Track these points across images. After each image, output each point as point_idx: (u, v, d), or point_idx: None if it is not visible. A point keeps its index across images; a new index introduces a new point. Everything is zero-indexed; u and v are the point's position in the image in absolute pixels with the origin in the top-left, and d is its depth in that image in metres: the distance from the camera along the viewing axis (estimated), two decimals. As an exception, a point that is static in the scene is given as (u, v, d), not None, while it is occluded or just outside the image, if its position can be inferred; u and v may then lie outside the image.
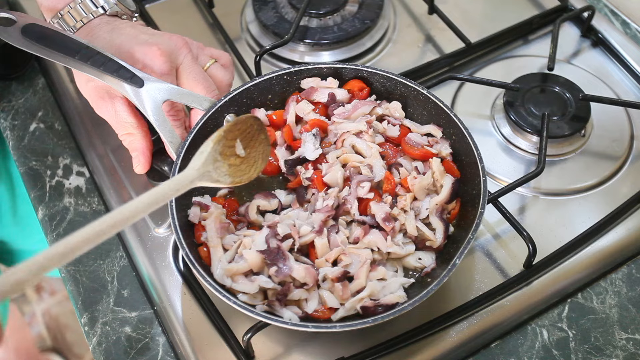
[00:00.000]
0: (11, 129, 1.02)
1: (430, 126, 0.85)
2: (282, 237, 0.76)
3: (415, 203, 0.80)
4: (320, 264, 0.75)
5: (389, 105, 0.87)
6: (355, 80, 0.89)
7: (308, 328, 0.69)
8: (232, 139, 0.74)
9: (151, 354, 0.80)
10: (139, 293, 0.85)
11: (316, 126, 0.85)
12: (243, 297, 0.72)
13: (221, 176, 0.72)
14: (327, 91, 0.87)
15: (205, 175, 0.70)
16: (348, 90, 0.88)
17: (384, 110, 0.87)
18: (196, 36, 1.11)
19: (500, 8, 1.16)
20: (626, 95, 1.03)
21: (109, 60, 0.79)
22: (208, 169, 0.71)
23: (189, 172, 0.70)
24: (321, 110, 0.87)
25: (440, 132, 0.84)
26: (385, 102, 0.88)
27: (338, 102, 0.87)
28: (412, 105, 0.87)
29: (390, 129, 0.85)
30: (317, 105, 0.88)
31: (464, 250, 0.71)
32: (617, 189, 0.92)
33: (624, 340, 0.80)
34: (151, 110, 0.80)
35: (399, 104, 0.87)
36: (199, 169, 0.70)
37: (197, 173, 0.69)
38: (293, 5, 1.10)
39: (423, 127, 0.86)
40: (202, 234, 0.77)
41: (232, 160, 0.74)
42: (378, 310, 0.71)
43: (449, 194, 0.79)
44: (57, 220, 0.91)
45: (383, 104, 0.87)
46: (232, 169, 0.73)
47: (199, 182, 0.70)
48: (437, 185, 0.81)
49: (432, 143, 0.84)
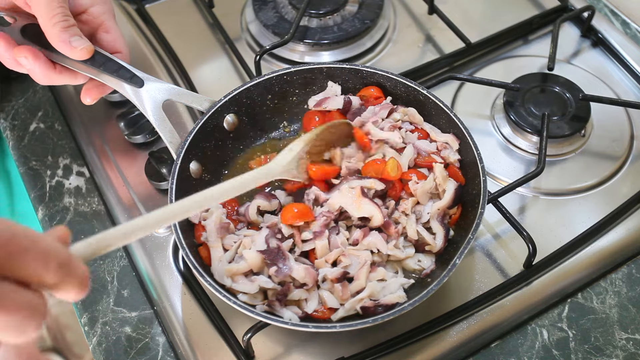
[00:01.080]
0: (11, 129, 1.02)
1: (449, 136, 0.84)
2: (282, 237, 0.76)
3: (417, 207, 0.80)
4: (319, 265, 0.75)
5: (407, 110, 0.87)
6: (371, 87, 0.89)
7: (308, 328, 0.69)
8: (321, 140, 0.77)
9: (151, 354, 0.80)
10: (139, 293, 0.85)
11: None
12: (243, 297, 0.72)
13: (301, 173, 0.76)
14: (339, 98, 0.87)
15: (287, 172, 0.74)
16: (361, 97, 0.88)
17: (402, 116, 0.86)
18: (196, 36, 1.11)
19: (500, 8, 1.16)
20: (626, 95, 1.03)
21: (109, 60, 0.79)
22: (292, 166, 0.74)
23: (274, 167, 0.73)
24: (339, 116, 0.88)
25: (458, 144, 0.83)
26: (401, 107, 0.88)
27: (354, 107, 0.87)
28: (413, 106, 0.88)
29: (409, 136, 0.84)
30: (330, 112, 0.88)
31: (464, 251, 0.71)
32: (617, 189, 0.92)
33: (624, 340, 0.80)
34: (151, 110, 0.80)
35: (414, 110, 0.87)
36: (284, 165, 0.73)
37: (282, 169, 0.73)
38: (293, 5, 1.10)
39: (442, 135, 0.85)
40: (202, 234, 0.77)
41: (315, 157, 0.78)
42: (378, 310, 0.71)
43: (451, 199, 0.79)
44: (57, 221, 0.91)
45: (399, 109, 0.87)
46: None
47: (279, 177, 0.74)
48: (439, 190, 0.81)
49: (440, 148, 0.84)
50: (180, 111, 0.96)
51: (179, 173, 0.78)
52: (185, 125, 0.94)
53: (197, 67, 1.06)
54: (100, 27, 0.81)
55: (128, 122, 0.95)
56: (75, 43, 0.74)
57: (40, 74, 0.77)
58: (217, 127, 0.86)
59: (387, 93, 0.89)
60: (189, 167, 0.82)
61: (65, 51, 0.75)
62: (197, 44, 1.10)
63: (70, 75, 0.79)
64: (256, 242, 0.75)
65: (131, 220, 0.54)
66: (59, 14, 0.73)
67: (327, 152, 0.80)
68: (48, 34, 0.74)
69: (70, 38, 0.74)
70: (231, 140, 0.89)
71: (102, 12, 0.81)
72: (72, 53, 0.75)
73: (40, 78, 0.78)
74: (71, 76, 0.79)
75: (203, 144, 0.84)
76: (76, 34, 0.74)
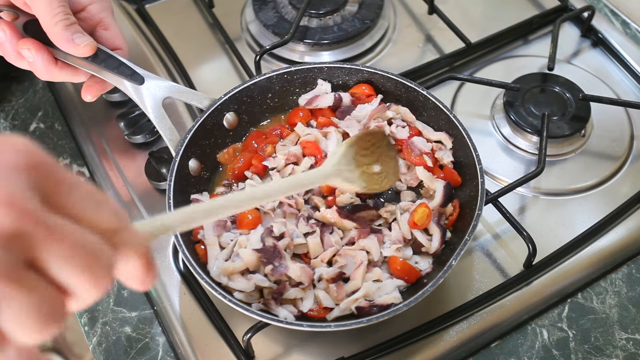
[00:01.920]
0: (11, 129, 1.02)
1: (441, 134, 0.85)
2: (278, 236, 0.76)
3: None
4: (315, 264, 0.75)
5: (399, 109, 0.87)
6: (362, 84, 0.89)
7: (303, 327, 0.69)
8: (364, 147, 0.75)
9: (151, 354, 0.80)
10: (139, 293, 0.85)
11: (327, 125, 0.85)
12: (239, 295, 0.72)
13: (356, 179, 0.72)
14: (329, 96, 0.87)
15: (339, 173, 0.70)
16: (352, 93, 0.89)
17: (394, 114, 0.87)
18: (196, 36, 1.11)
19: (500, 8, 1.16)
20: (626, 95, 1.03)
21: (110, 57, 0.79)
22: (341, 167, 0.71)
23: (323, 168, 0.70)
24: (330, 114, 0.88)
25: (451, 142, 0.84)
26: (394, 105, 0.88)
27: (344, 105, 0.87)
28: (412, 106, 0.88)
29: (400, 131, 0.85)
30: (321, 111, 0.88)
31: (460, 252, 0.71)
32: (617, 189, 0.92)
33: (624, 340, 0.80)
34: (151, 107, 0.80)
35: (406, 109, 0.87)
36: (333, 165, 0.70)
37: (332, 169, 0.70)
38: (293, 5, 1.10)
39: (435, 133, 0.85)
40: (200, 231, 0.77)
41: (365, 168, 0.74)
42: (373, 310, 0.71)
43: (442, 198, 0.79)
44: (57, 220, 0.91)
45: (392, 107, 0.87)
46: (366, 176, 0.73)
47: (333, 179, 0.70)
48: (429, 191, 0.82)
49: (435, 149, 0.84)
50: (180, 111, 0.96)
51: (177, 170, 0.78)
52: (185, 125, 0.94)
53: (197, 67, 1.06)
54: (99, 24, 0.81)
55: (128, 122, 0.95)
56: (78, 40, 0.74)
57: (42, 69, 0.77)
58: (217, 125, 0.86)
59: (380, 91, 0.89)
60: (188, 164, 0.82)
61: (69, 49, 0.75)
62: (197, 44, 1.10)
63: (71, 72, 0.79)
64: (252, 241, 0.75)
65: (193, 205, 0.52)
66: (60, 13, 0.73)
67: (377, 165, 0.76)
68: (50, 34, 0.74)
69: (73, 36, 0.74)
70: (231, 139, 0.89)
71: (100, 9, 0.81)
72: (76, 50, 0.75)
73: (41, 73, 0.78)
74: (72, 73, 0.79)
75: (202, 141, 0.84)
76: (78, 31, 0.75)
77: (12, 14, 0.78)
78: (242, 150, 0.88)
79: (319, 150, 0.84)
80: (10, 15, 0.78)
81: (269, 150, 0.85)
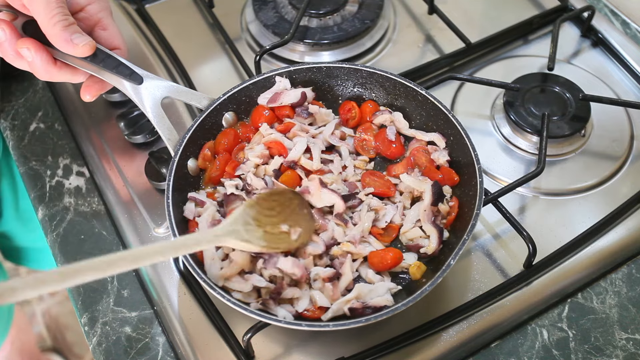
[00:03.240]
0: (11, 129, 1.02)
1: (434, 135, 0.85)
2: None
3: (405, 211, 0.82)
4: (309, 264, 0.76)
5: (392, 117, 0.87)
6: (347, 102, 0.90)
7: (302, 327, 0.69)
8: (268, 207, 0.76)
9: (151, 354, 0.80)
10: (139, 293, 0.85)
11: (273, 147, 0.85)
12: (237, 295, 0.72)
13: (254, 239, 0.72)
14: (294, 92, 0.87)
15: (233, 233, 0.70)
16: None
17: (384, 120, 0.87)
18: (196, 36, 1.11)
19: (500, 8, 1.16)
20: (626, 95, 1.03)
21: (109, 56, 0.79)
22: (237, 228, 0.71)
23: (216, 227, 0.71)
24: (290, 113, 0.88)
25: (445, 142, 0.84)
26: (387, 111, 0.88)
27: (305, 106, 0.87)
28: (411, 105, 0.88)
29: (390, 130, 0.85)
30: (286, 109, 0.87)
31: (459, 251, 0.71)
32: (617, 189, 0.92)
33: (624, 340, 0.80)
34: (150, 107, 0.80)
35: (400, 114, 0.88)
36: (225, 225, 0.71)
37: (224, 229, 0.70)
38: (293, 5, 1.10)
39: (427, 134, 0.86)
40: (196, 229, 0.77)
41: (269, 228, 0.74)
42: (366, 312, 0.71)
43: (431, 197, 0.79)
44: (57, 220, 0.91)
45: (385, 112, 0.87)
46: (269, 236, 0.74)
47: (226, 238, 0.70)
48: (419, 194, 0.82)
49: (431, 151, 0.84)
50: (180, 111, 0.96)
51: (176, 170, 0.78)
52: (184, 125, 0.94)
53: (197, 67, 1.06)
54: (97, 24, 0.82)
55: (128, 122, 0.95)
56: (77, 40, 0.74)
57: (41, 69, 0.77)
58: (216, 124, 0.86)
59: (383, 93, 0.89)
60: (187, 164, 0.82)
61: (68, 49, 0.75)
62: (197, 44, 1.10)
63: (70, 72, 0.79)
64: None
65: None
66: (58, 14, 0.73)
67: (285, 225, 0.76)
68: (49, 34, 0.74)
69: (72, 36, 0.74)
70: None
71: (99, 9, 0.81)
72: (74, 50, 0.75)
73: (40, 73, 0.78)
74: (71, 73, 0.79)
75: (201, 141, 0.84)
76: (77, 32, 0.75)
77: (11, 14, 0.78)
78: (216, 150, 0.86)
79: (284, 148, 0.84)
80: (10, 15, 0.78)
81: (241, 156, 0.85)
